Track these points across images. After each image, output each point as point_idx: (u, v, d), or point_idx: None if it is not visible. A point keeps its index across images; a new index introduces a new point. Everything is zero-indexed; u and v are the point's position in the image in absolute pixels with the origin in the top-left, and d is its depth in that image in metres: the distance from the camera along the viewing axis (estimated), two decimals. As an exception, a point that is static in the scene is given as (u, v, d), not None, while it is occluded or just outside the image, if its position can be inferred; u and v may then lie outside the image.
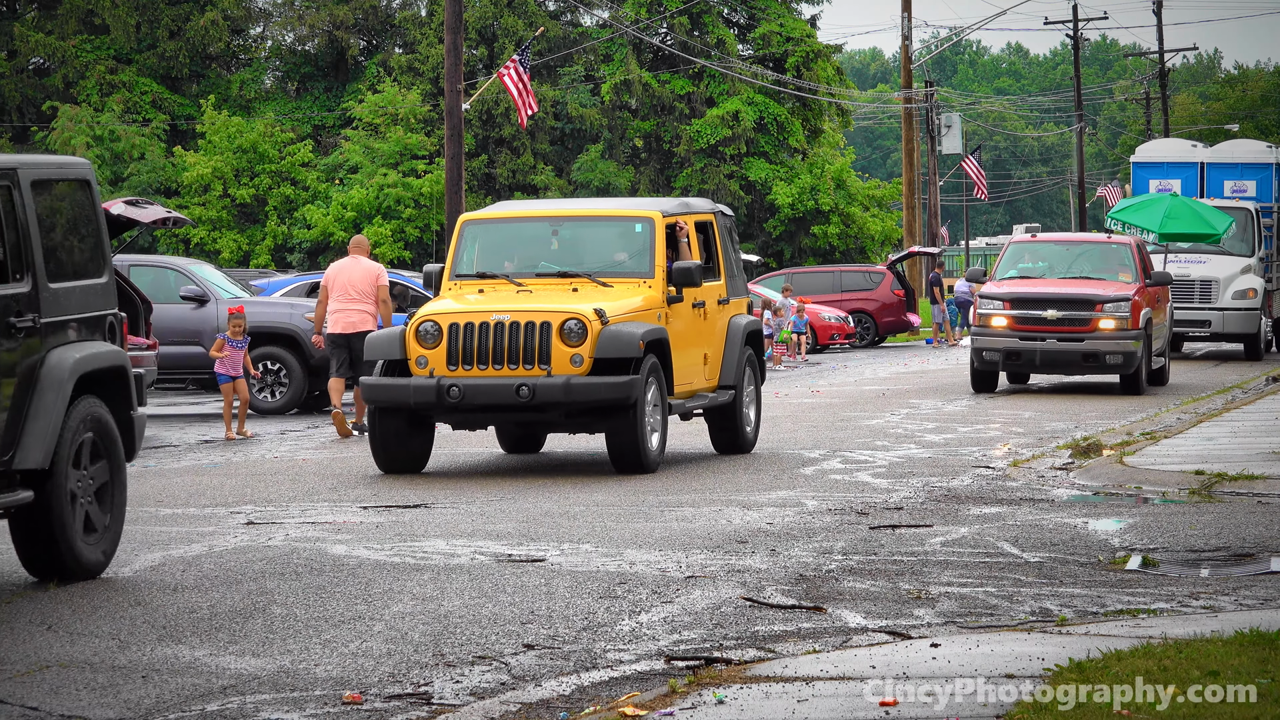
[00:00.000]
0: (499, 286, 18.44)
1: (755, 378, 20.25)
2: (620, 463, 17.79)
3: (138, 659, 9.34)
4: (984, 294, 29.86)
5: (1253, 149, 43.88)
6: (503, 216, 19.56)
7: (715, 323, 19.49)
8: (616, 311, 17.74)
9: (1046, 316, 28.76)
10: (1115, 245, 30.90)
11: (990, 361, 29.34)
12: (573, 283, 18.36)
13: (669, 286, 18.51)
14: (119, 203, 23.93)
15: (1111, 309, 28.71)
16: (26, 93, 69.77)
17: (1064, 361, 29.03)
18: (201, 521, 14.77)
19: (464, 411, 17.76)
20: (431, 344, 17.62)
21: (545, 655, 9.40)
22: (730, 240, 20.47)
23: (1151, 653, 8.61)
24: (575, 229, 19.37)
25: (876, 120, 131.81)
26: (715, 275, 19.71)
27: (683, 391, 18.68)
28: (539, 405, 17.42)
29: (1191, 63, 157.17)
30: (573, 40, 70.88)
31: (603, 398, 17.37)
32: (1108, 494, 16.04)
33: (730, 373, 19.51)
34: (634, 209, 19.62)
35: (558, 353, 17.42)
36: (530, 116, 43.89)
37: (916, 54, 67.41)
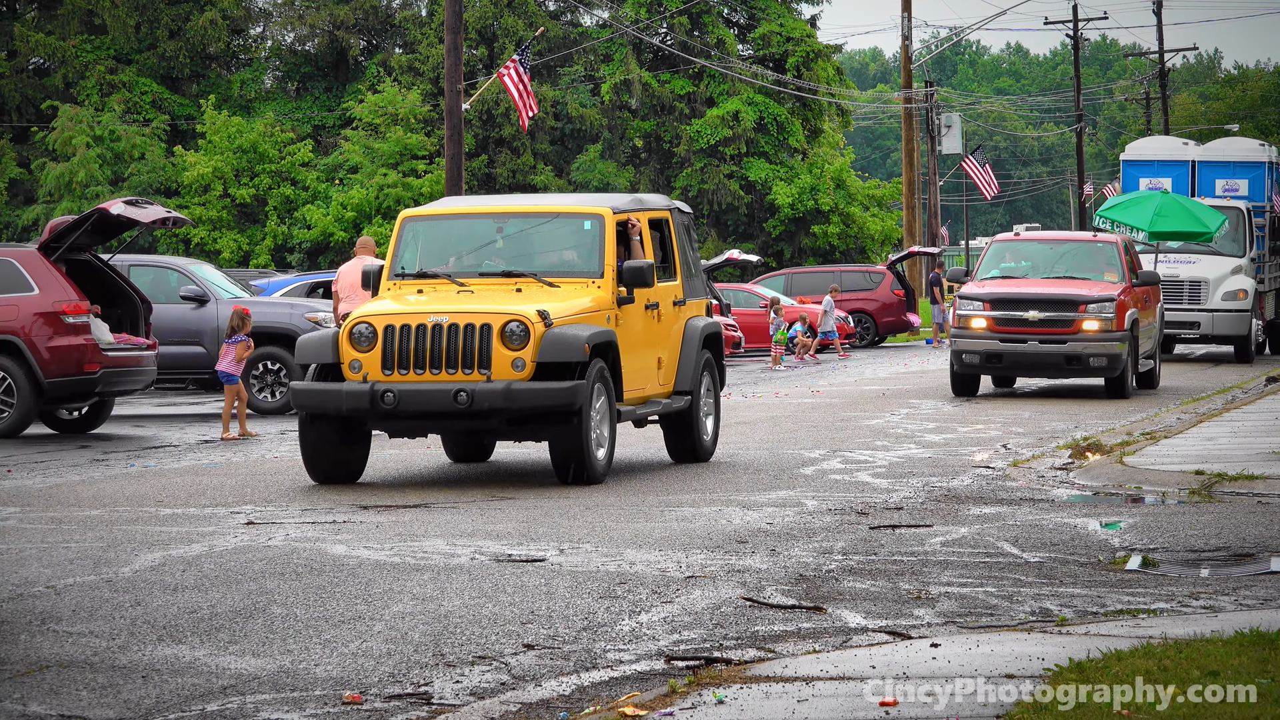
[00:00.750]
0: (440, 287, 17.58)
1: (714, 383, 19.41)
2: (564, 472, 16.88)
3: (138, 659, 9.34)
4: (963, 294, 29.08)
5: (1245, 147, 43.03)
6: (444, 213, 18.69)
7: (670, 325, 18.67)
8: (562, 313, 16.90)
9: (1028, 318, 28.03)
10: (1101, 244, 30.13)
11: (970, 364, 28.56)
12: (517, 283, 17.52)
13: (619, 287, 17.66)
14: (119, 203, 23.92)
15: (1095, 310, 27.94)
16: (26, 93, 69.78)
17: (1046, 364, 28.32)
18: (201, 521, 14.77)
19: (399, 418, 16.80)
20: (366, 347, 16.72)
21: (545, 655, 9.40)
22: (688, 239, 19.66)
23: (1151, 653, 8.61)
24: (521, 226, 18.46)
25: (876, 120, 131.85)
26: (671, 275, 18.96)
27: (634, 397, 17.84)
28: (478, 412, 16.50)
29: (1191, 63, 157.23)
30: (573, 40, 70.89)
31: (545, 404, 16.47)
32: (1108, 494, 16.03)
33: (686, 377, 18.69)
34: (582, 205, 18.57)
35: (498, 356, 16.54)
36: (531, 118, 43.89)
37: (916, 54, 67.42)
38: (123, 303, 24.67)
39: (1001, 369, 28.69)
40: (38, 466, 19.51)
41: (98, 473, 18.84)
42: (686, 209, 19.93)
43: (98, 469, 19.28)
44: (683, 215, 19.65)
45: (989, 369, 28.63)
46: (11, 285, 23.39)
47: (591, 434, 16.74)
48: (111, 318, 24.38)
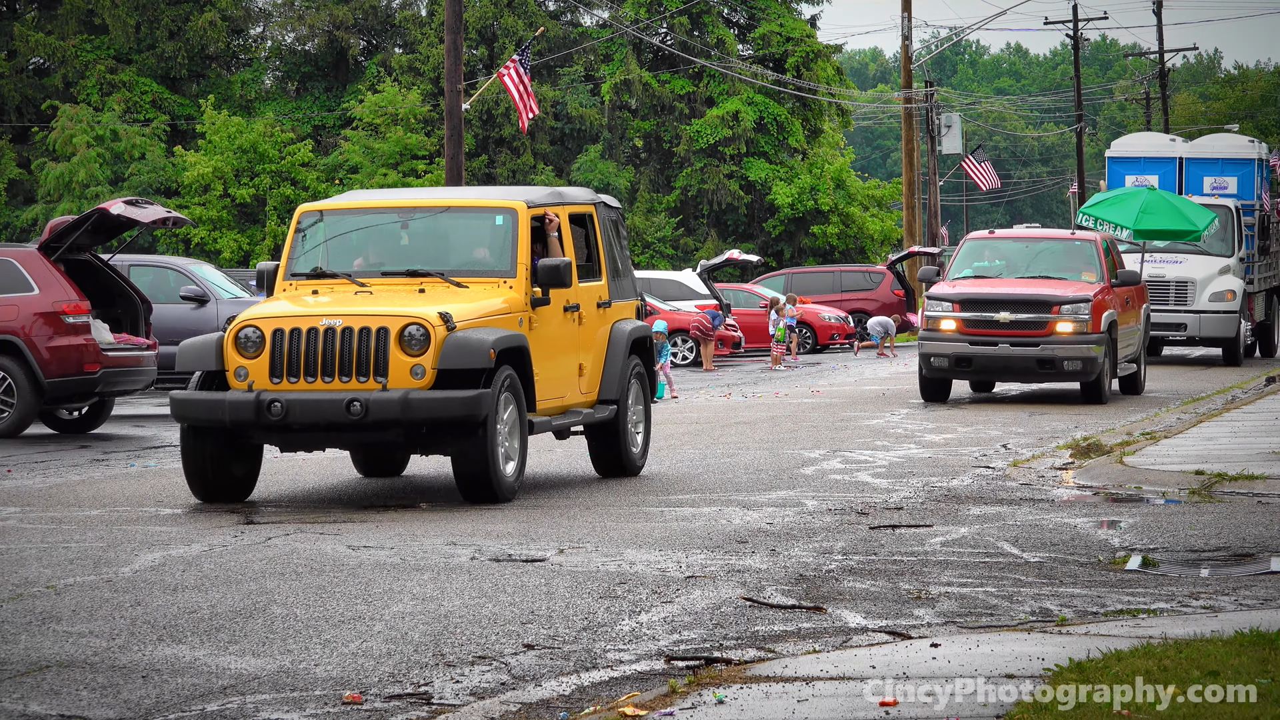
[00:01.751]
0: (338, 287, 16.33)
1: (644, 391, 18.20)
2: (468, 489, 15.61)
3: (138, 659, 9.34)
4: (932, 295, 27.95)
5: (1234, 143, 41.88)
6: (345, 207, 17.28)
7: (594, 329, 17.45)
8: (467, 315, 15.59)
9: (999, 319, 26.94)
10: (1079, 242, 29.08)
11: (939, 368, 27.48)
12: (422, 283, 16.23)
13: (534, 287, 16.36)
14: (119, 203, 23.93)
15: (1069, 311, 26.83)
16: (26, 93, 69.80)
17: (1017, 368, 27.21)
18: (201, 521, 14.77)
19: (288, 431, 15.42)
20: (253, 353, 15.41)
21: (545, 655, 9.40)
22: (616, 235, 18.43)
23: (1151, 653, 8.61)
24: (428, 221, 17.05)
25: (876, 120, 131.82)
26: (595, 274, 17.71)
27: (551, 407, 16.59)
28: (373, 424, 15.14)
29: (1191, 63, 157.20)
30: (573, 40, 70.90)
31: (446, 414, 15.11)
32: (1108, 494, 16.03)
33: (612, 385, 17.48)
34: (494, 199, 17.19)
35: (396, 363, 15.21)
36: (531, 119, 43.91)
37: (916, 54, 67.41)
38: (123, 303, 24.68)
39: (971, 373, 27.73)
40: (38, 466, 19.51)
41: (98, 473, 18.84)
42: (614, 203, 18.67)
43: (98, 469, 19.28)
44: (609, 210, 18.37)
45: (958, 373, 27.66)
46: (11, 285, 23.39)
47: (498, 447, 15.44)
48: (111, 318, 24.38)
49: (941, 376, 27.71)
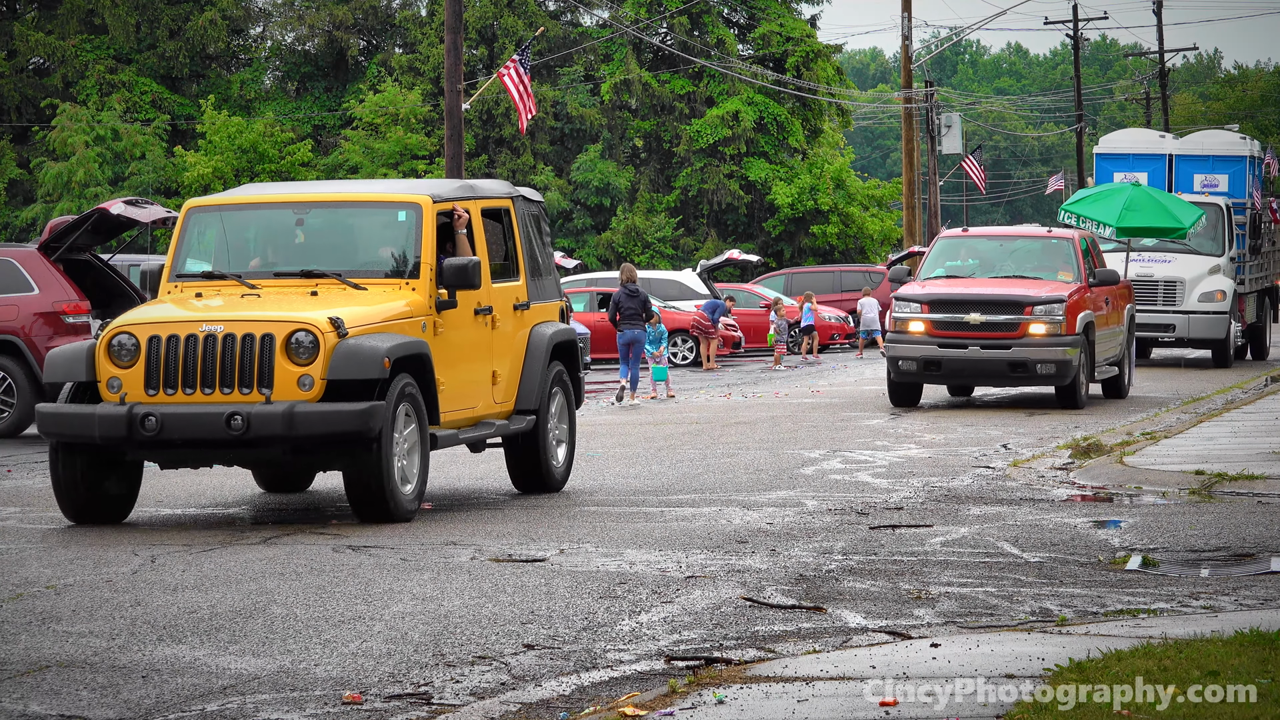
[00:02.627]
0: (225, 289, 15.03)
1: (567, 400, 16.98)
2: (361, 509, 14.36)
3: (138, 659, 9.34)
4: (899, 295, 26.86)
5: (1225, 140, 40.71)
6: (235, 203, 15.92)
7: (510, 333, 16.12)
8: (360, 320, 14.33)
9: (969, 321, 25.92)
10: (1056, 240, 27.96)
11: (907, 372, 26.38)
12: (317, 284, 14.93)
13: (440, 289, 15.07)
14: (119, 203, 23.94)
15: (1042, 312, 25.80)
16: (26, 93, 69.81)
17: (988, 371, 26.22)
18: (202, 521, 14.77)
19: (164, 447, 14.17)
20: (127, 362, 14.14)
21: (545, 655, 9.40)
22: (537, 232, 17.08)
23: (1151, 653, 8.61)
24: (325, 218, 15.72)
25: (876, 120, 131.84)
26: (512, 274, 16.36)
27: (459, 418, 15.35)
28: (255, 439, 13.91)
29: (1191, 63, 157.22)
30: (573, 40, 70.90)
31: (335, 429, 13.90)
32: (1108, 494, 16.03)
33: (530, 394, 16.21)
34: (396, 193, 15.84)
35: (282, 373, 13.97)
36: (530, 119, 43.94)
37: (916, 54, 67.40)
38: (122, 303, 24.67)
39: (941, 377, 26.75)
40: (38, 466, 19.50)
41: (98, 473, 18.82)
42: (535, 197, 17.37)
43: (98, 469, 19.25)
44: (530, 205, 17.03)
45: (927, 377, 26.59)
46: (11, 285, 23.40)
47: (394, 464, 14.20)
48: (111, 318, 24.38)
49: (910, 381, 26.73)
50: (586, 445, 21.20)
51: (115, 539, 13.71)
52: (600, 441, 21.75)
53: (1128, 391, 28.70)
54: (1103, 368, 27.48)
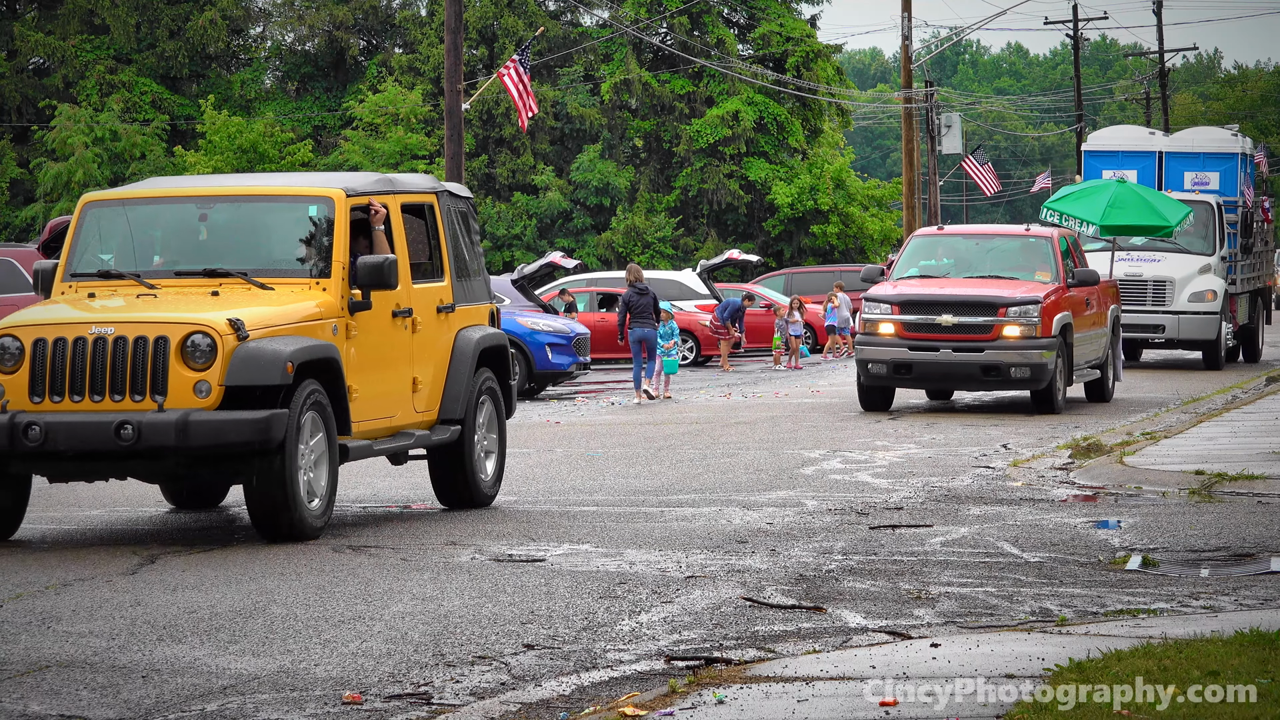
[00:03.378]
0: (122, 289, 14.01)
1: (497, 410, 15.86)
2: (263, 526, 13.40)
3: (138, 659, 9.34)
4: (869, 296, 26.00)
5: (1216, 137, 39.42)
6: (136, 197, 14.88)
7: (433, 337, 15.07)
8: (264, 322, 13.33)
9: (940, 322, 25.07)
10: (1034, 239, 27.08)
11: (877, 375, 25.47)
12: (220, 284, 13.91)
13: (354, 289, 14.04)
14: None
15: (1017, 313, 24.91)
16: (26, 93, 69.82)
17: (960, 375, 25.43)
18: (202, 521, 14.77)
19: (50, 459, 13.20)
20: (10, 366, 13.14)
21: (545, 655, 9.40)
22: (464, 229, 15.95)
23: (1151, 653, 8.61)
24: (230, 213, 14.63)
25: (876, 120, 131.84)
26: (435, 274, 15.28)
27: (374, 428, 14.37)
28: (146, 451, 12.92)
29: (1191, 63, 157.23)
30: (573, 40, 70.92)
31: (233, 439, 12.91)
32: (1108, 494, 16.03)
33: (455, 402, 15.16)
34: (307, 186, 14.86)
35: (177, 379, 12.96)
36: (530, 118, 43.98)
37: (916, 54, 67.41)
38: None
39: (911, 381, 25.83)
40: (38, 466, 19.48)
41: (98, 473, 18.81)
42: (463, 193, 16.22)
43: (98, 469, 19.25)
44: (456, 200, 15.91)
45: (898, 380, 25.69)
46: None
47: (299, 477, 13.22)
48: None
49: (880, 384, 25.81)
50: (586, 445, 21.21)
51: (115, 539, 13.71)
52: (600, 441, 21.76)
53: (1112, 395, 28.00)
54: (1084, 370, 26.82)
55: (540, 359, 31.38)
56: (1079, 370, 26.43)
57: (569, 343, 31.70)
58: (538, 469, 18.67)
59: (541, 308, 35.44)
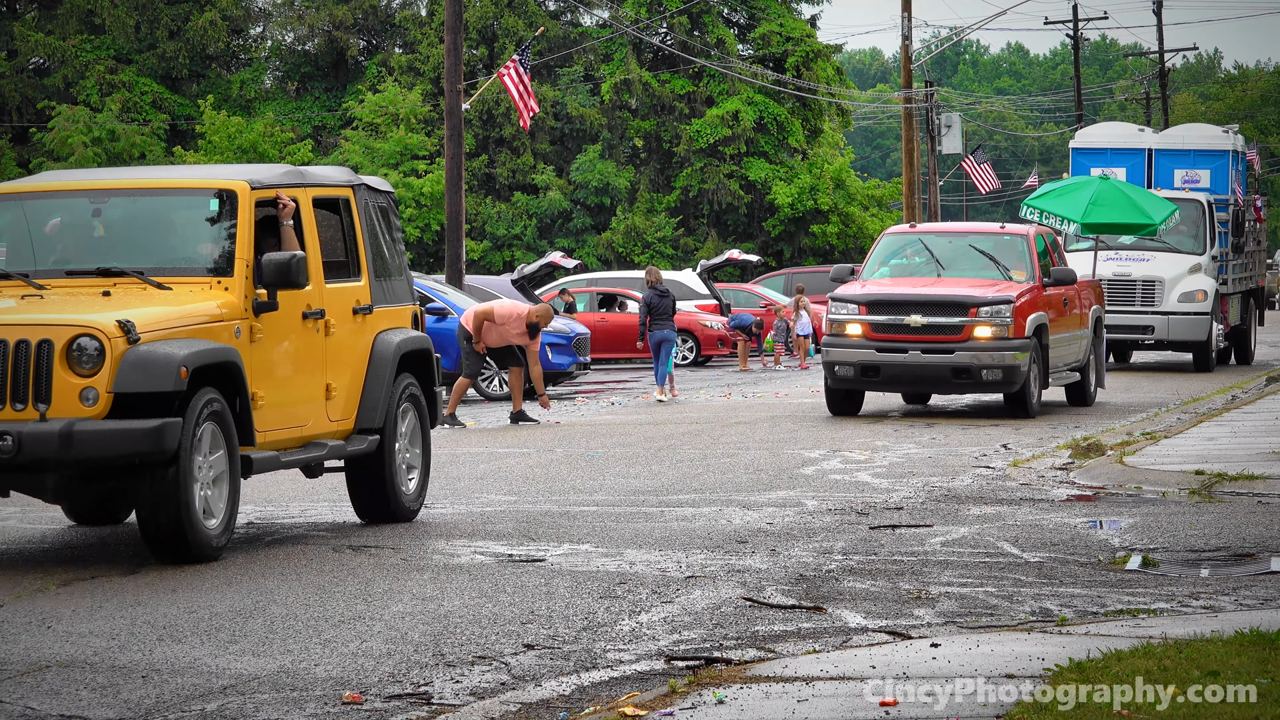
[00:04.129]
0: (7, 290, 13.04)
1: (420, 419, 14.89)
2: (155, 545, 12.38)
3: (138, 659, 9.34)
4: (837, 296, 25.04)
5: (1207, 134, 38.77)
6: (27, 191, 13.91)
7: (348, 341, 14.01)
8: (157, 324, 12.32)
9: (909, 323, 24.21)
10: (1009, 237, 26.18)
11: (844, 378, 24.71)
12: (114, 283, 12.92)
13: (258, 288, 13.06)
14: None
15: (988, 314, 24.06)
16: (26, 93, 69.84)
17: (930, 378, 24.51)
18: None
19: None
20: None
21: (545, 655, 9.40)
22: (385, 226, 14.91)
23: (1151, 653, 8.61)
24: (126, 207, 13.64)
25: (876, 120, 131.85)
26: (351, 274, 14.22)
27: (283, 439, 13.37)
28: (29, 463, 11.96)
29: (1191, 63, 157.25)
30: (573, 40, 70.92)
31: (121, 450, 11.96)
32: (1108, 494, 16.03)
33: (373, 410, 14.14)
34: (208, 178, 13.77)
35: (61, 385, 11.96)
36: (531, 118, 44.00)
37: (916, 54, 67.40)
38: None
39: (880, 383, 24.86)
40: (38, 466, 19.50)
41: (98, 473, 18.82)
42: (383, 186, 15.11)
43: (98, 469, 19.25)
44: (376, 195, 14.85)
45: (865, 383, 24.84)
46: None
47: (195, 492, 12.29)
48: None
49: (847, 387, 25.03)
50: (586, 445, 21.21)
51: (115, 539, 13.71)
52: (600, 441, 21.76)
53: (1094, 399, 27.15)
54: (1062, 373, 25.97)
55: (540, 359, 31.38)
56: (1056, 373, 25.70)
57: (569, 343, 31.71)
58: (538, 469, 18.67)
59: (541, 308, 35.46)
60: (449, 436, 22.99)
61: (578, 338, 32.08)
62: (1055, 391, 26.85)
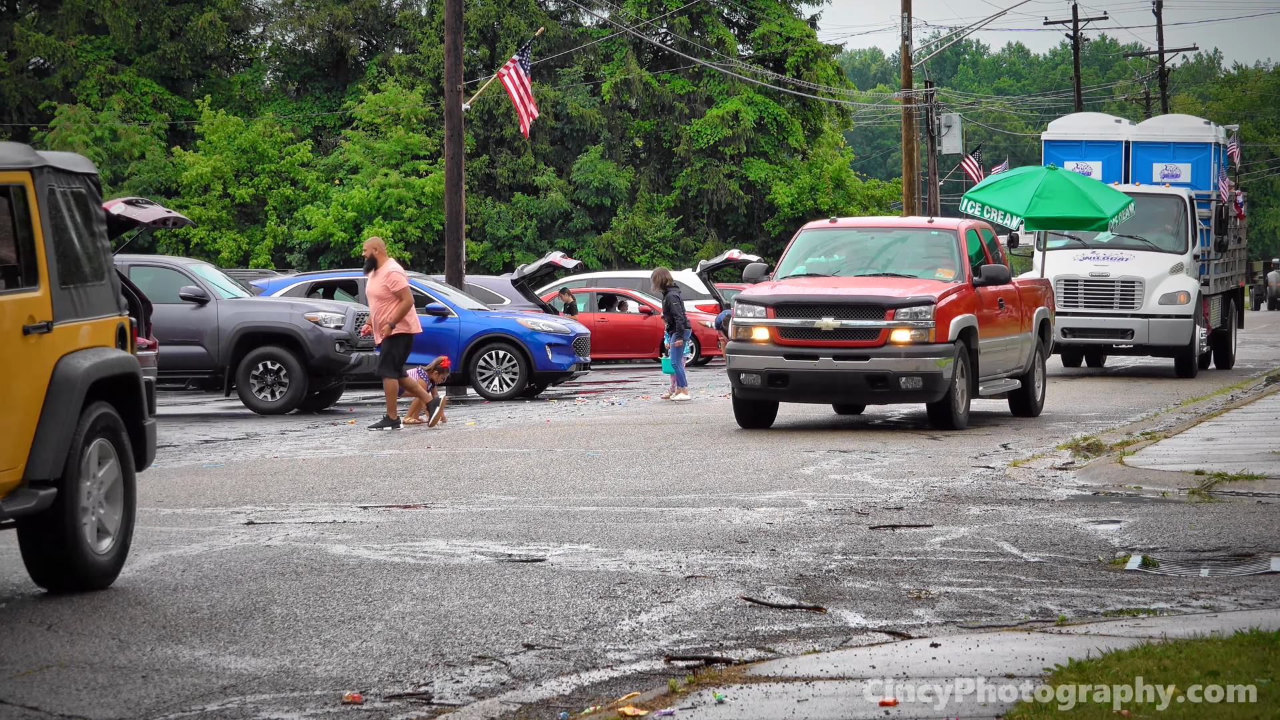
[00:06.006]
0: None
1: (122, 462, 11.69)
2: None
3: (138, 659, 9.34)
4: (743, 298, 23.00)
5: (1188, 125, 36.82)
6: None
7: (14, 368, 10.72)
8: None
9: (820, 327, 22.19)
10: (936, 232, 24.13)
11: (751, 387, 22.59)
12: None
13: None
14: (119, 203, 23.93)
15: (907, 316, 22.06)
16: (26, 93, 69.87)
17: (844, 387, 22.48)
18: (201, 521, 14.76)
19: None
20: None
21: (545, 655, 9.40)
22: (83, 218, 11.71)
23: (1151, 653, 8.61)
24: None
25: (876, 120, 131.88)
26: (25, 281, 10.94)
27: None
28: None
29: (1191, 63, 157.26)
30: (573, 40, 70.93)
31: None
32: (1108, 494, 16.03)
33: (48, 456, 10.85)
34: None
35: None
36: (531, 121, 44.02)
37: (916, 54, 67.40)
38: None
39: (788, 393, 22.71)
40: (38, 466, 19.49)
41: (98, 473, 18.82)
42: (82, 167, 11.91)
43: (98, 469, 19.25)
44: (66, 178, 11.61)
45: (773, 393, 22.70)
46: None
47: None
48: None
49: (755, 398, 22.88)
50: (586, 445, 21.21)
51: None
52: (600, 441, 21.76)
53: (1040, 408, 25.22)
54: (999, 381, 23.95)
55: (540, 359, 31.41)
56: (993, 381, 23.71)
57: (569, 343, 31.73)
58: (538, 469, 18.66)
59: (541, 308, 35.48)
60: (450, 436, 23.00)
61: (578, 338, 32.09)
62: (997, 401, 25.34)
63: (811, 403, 24.30)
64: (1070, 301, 32.93)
